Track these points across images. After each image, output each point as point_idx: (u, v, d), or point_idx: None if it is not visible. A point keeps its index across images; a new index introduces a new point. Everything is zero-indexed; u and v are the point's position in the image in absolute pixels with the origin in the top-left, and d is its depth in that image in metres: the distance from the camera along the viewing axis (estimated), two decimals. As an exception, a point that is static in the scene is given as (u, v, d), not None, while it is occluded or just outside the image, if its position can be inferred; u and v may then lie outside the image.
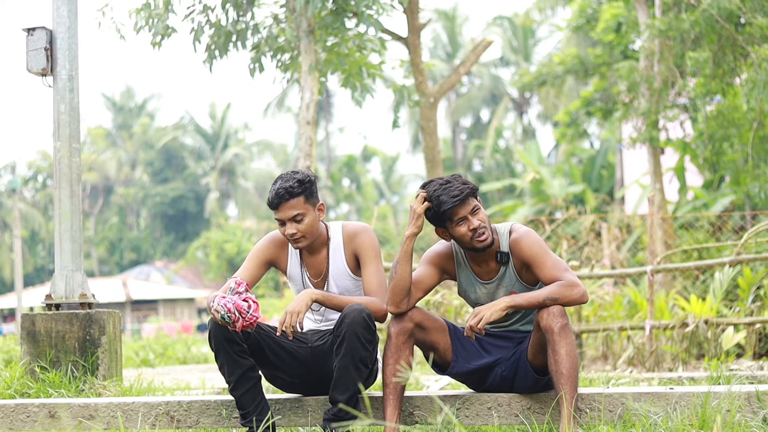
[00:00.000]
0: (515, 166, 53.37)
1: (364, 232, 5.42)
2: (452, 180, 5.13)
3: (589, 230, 18.27)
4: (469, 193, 5.09)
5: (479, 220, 5.11)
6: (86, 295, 7.25)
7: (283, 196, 5.26)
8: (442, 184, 5.11)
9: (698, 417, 4.78)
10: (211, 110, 71.17)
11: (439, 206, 5.08)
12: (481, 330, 4.95)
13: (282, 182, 5.29)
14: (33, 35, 7.46)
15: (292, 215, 5.26)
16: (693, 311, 10.68)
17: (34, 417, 5.74)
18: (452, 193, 5.06)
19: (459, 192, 5.06)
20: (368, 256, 5.36)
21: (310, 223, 5.31)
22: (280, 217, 5.28)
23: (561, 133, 25.55)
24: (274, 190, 5.29)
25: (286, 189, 5.26)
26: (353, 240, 5.42)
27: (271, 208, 5.31)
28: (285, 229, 5.30)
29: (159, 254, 69.66)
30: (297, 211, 5.26)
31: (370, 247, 5.38)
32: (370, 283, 5.31)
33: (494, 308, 4.98)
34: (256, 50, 11.83)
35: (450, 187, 5.08)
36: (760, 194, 16.74)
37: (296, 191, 5.26)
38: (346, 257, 5.43)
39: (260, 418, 5.18)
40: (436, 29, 58.26)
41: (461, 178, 5.16)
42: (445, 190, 5.07)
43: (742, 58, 15.63)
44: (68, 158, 7.39)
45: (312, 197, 5.33)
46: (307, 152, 11.42)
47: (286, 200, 5.26)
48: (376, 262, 5.36)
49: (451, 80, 15.79)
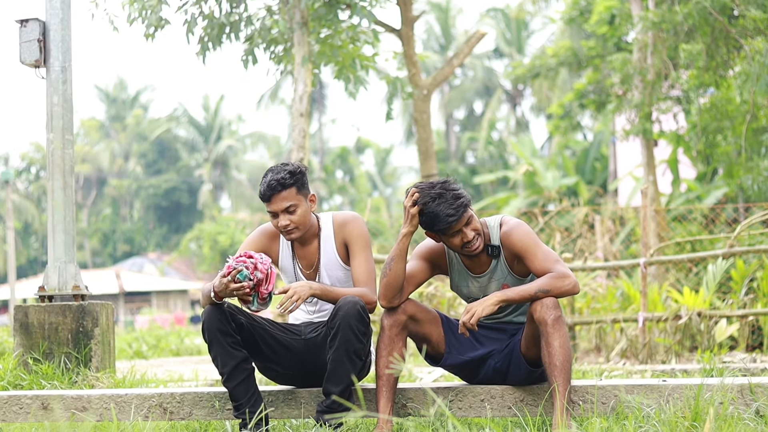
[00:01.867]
0: (508, 158, 53.37)
1: (354, 221, 5.42)
2: (444, 192, 5.05)
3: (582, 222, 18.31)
4: (464, 210, 5.06)
5: (473, 230, 5.10)
6: (79, 286, 7.24)
7: (275, 188, 5.25)
8: (434, 198, 5.03)
9: (691, 409, 4.79)
10: (205, 102, 71.07)
11: (434, 222, 5.05)
12: (473, 326, 4.96)
13: (273, 174, 5.29)
14: (26, 27, 7.44)
15: (284, 206, 5.26)
16: (686, 303, 10.71)
17: (27, 409, 5.74)
18: (447, 212, 5.01)
19: (454, 211, 5.01)
20: (358, 246, 5.37)
21: (303, 214, 5.31)
22: (273, 209, 5.28)
23: (554, 125, 25.51)
24: (265, 182, 5.29)
25: (278, 180, 5.26)
26: (343, 229, 5.43)
27: (263, 200, 5.31)
28: (278, 221, 5.30)
29: (152, 246, 69.59)
30: (290, 203, 5.26)
31: (360, 236, 5.38)
32: (359, 274, 5.32)
33: (485, 304, 4.98)
34: (250, 42, 11.82)
35: (444, 202, 5.02)
36: (753, 186, 16.77)
37: (288, 182, 5.27)
38: (336, 247, 5.44)
39: (253, 409, 5.17)
40: (429, 21, 58.19)
41: (454, 188, 5.07)
42: (438, 206, 5.01)
43: (735, 51, 15.64)
44: (61, 150, 7.38)
45: (303, 188, 5.33)
46: (300, 144, 11.40)
47: (279, 192, 5.25)
48: (366, 252, 5.36)
49: (444, 72, 15.78)
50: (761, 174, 16.55)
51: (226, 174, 67.96)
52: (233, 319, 5.18)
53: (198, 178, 68.56)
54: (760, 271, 11.17)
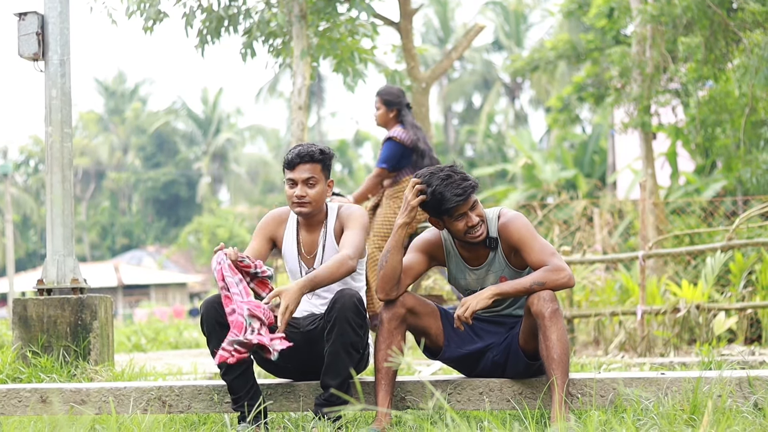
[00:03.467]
0: (507, 151, 53.35)
1: (356, 208, 5.48)
2: (453, 174, 5.06)
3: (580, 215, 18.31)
4: (471, 191, 5.07)
5: (477, 215, 5.10)
6: (78, 280, 7.24)
7: (303, 157, 5.38)
8: (443, 179, 5.04)
9: (689, 402, 4.79)
10: (203, 95, 71.06)
11: (441, 202, 5.05)
12: (468, 320, 4.96)
13: (304, 147, 5.43)
14: (24, 20, 7.44)
15: (305, 177, 5.36)
16: (684, 296, 10.70)
17: (26, 402, 5.74)
18: (455, 191, 5.01)
19: (462, 191, 5.02)
20: (352, 224, 5.41)
21: (320, 192, 5.41)
22: (294, 176, 5.36)
23: (553, 118, 25.50)
24: (295, 151, 5.40)
25: (307, 152, 5.39)
26: (342, 214, 5.49)
27: (287, 167, 5.40)
28: (294, 190, 5.36)
29: (151, 239, 69.58)
30: (312, 175, 5.37)
31: (357, 217, 5.42)
32: (345, 241, 5.33)
33: (480, 297, 4.99)
34: (248, 35, 11.80)
35: (452, 183, 5.03)
36: (752, 179, 16.74)
37: (317, 157, 5.41)
38: (336, 235, 5.49)
39: (252, 403, 5.18)
40: (428, 14, 58.16)
41: (461, 171, 5.10)
42: (447, 186, 5.02)
43: (734, 44, 15.62)
44: (60, 143, 7.38)
45: (327, 169, 5.47)
46: (299, 137, 11.40)
47: (306, 162, 5.38)
48: (360, 229, 5.36)
49: (443, 65, 15.76)
50: (760, 167, 16.54)
51: (225, 167, 67.95)
52: (232, 312, 5.18)
53: (197, 171, 68.55)
54: (759, 264, 11.17)
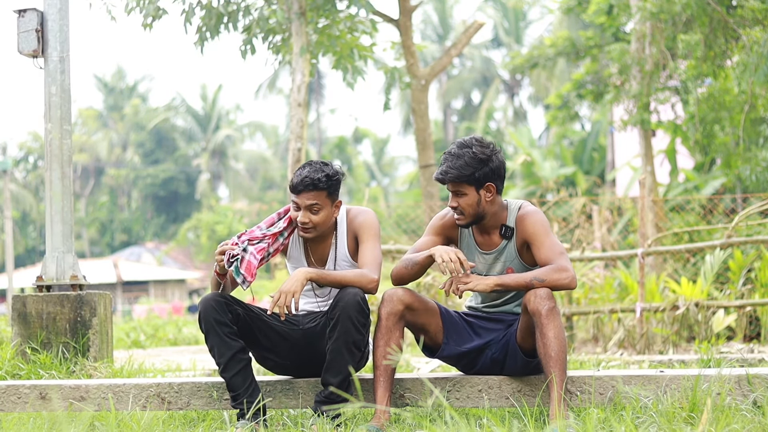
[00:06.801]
0: (506, 148, 53.34)
1: (365, 213, 5.45)
2: (466, 150, 5.18)
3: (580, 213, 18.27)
4: (458, 175, 5.15)
5: (457, 202, 5.22)
6: (77, 276, 7.24)
7: (308, 185, 5.27)
8: (456, 146, 5.20)
9: (688, 400, 4.80)
10: (203, 92, 71.02)
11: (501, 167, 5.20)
12: (458, 292, 4.99)
13: (311, 171, 5.30)
14: (24, 17, 7.43)
15: (309, 204, 5.29)
16: (684, 294, 10.71)
17: (25, 398, 5.74)
18: (443, 166, 5.18)
19: (447, 169, 5.18)
20: (366, 234, 5.37)
21: (324, 217, 5.33)
22: (298, 202, 5.30)
23: (552, 115, 25.46)
24: (301, 175, 5.30)
25: (312, 179, 5.27)
26: (354, 222, 5.45)
27: (292, 191, 5.33)
28: (298, 214, 5.31)
29: (150, 235, 69.55)
30: (316, 202, 5.28)
31: (370, 227, 5.39)
32: (364, 257, 5.30)
33: (482, 281, 5.02)
34: (248, 32, 11.81)
35: (453, 156, 5.17)
36: (751, 177, 16.77)
37: (322, 186, 5.28)
38: (347, 241, 5.45)
39: (251, 400, 5.18)
40: (427, 11, 58.20)
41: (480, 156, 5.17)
42: (446, 155, 5.20)
43: (733, 41, 15.62)
44: (59, 140, 7.37)
45: (333, 194, 5.35)
46: (298, 134, 11.40)
47: (310, 190, 5.27)
48: (374, 240, 5.35)
49: (442, 62, 15.76)
50: (759, 164, 16.56)
51: (224, 163, 67.93)
52: (230, 309, 5.19)
53: (196, 168, 68.51)
54: (758, 262, 11.18)
